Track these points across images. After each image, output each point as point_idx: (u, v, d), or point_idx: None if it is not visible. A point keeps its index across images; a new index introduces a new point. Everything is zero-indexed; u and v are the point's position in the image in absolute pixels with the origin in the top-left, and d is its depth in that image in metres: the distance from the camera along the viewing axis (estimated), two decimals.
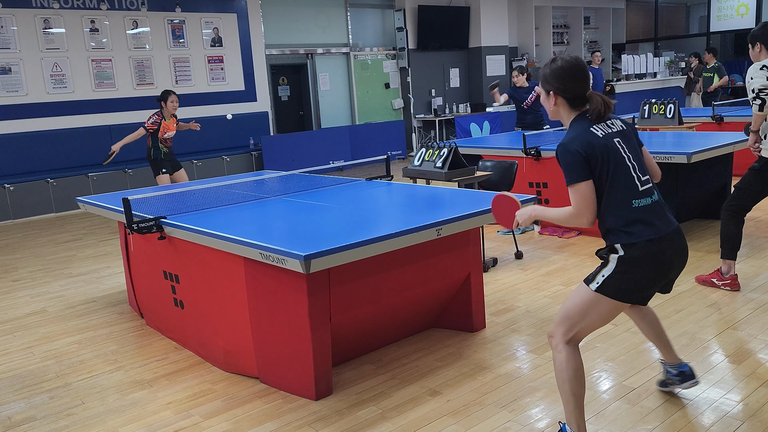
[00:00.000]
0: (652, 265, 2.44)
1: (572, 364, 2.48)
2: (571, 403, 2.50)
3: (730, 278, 4.32)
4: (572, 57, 2.54)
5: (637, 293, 2.51)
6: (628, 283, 2.46)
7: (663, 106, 7.98)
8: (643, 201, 2.44)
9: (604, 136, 2.44)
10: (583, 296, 2.50)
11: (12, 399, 3.46)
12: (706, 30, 16.03)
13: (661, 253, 2.43)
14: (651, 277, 2.47)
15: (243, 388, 3.39)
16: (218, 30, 11.00)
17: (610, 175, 2.41)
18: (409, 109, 13.55)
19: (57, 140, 9.58)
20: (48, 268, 6.22)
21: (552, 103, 2.56)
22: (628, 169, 2.44)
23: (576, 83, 2.50)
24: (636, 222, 2.42)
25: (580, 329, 2.51)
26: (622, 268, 2.43)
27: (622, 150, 2.45)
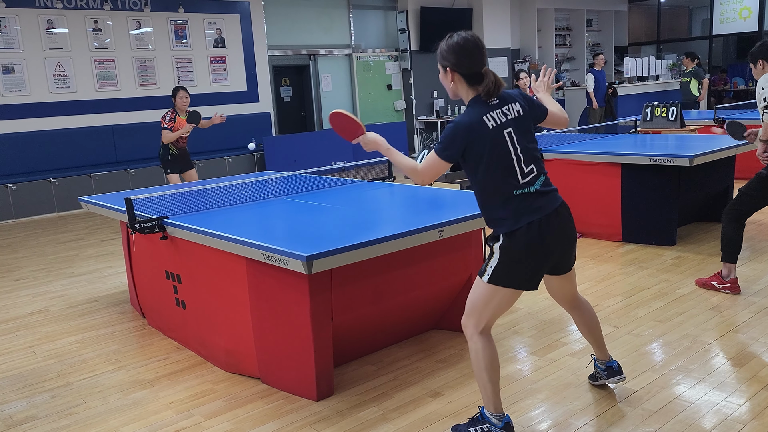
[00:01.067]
0: (531, 250, 2.54)
1: (487, 352, 2.61)
2: (488, 389, 2.63)
3: (731, 281, 4.32)
4: (468, 33, 2.57)
5: (525, 279, 2.60)
6: (514, 271, 2.56)
7: (665, 108, 7.98)
8: (523, 190, 2.54)
9: (495, 128, 2.51)
10: (481, 289, 2.62)
11: (14, 398, 3.47)
12: (709, 33, 16.02)
13: (538, 237, 2.52)
14: (533, 262, 2.57)
15: (244, 388, 3.40)
16: (221, 31, 11.02)
17: (492, 168, 2.51)
18: (411, 110, 13.56)
19: (59, 140, 9.59)
20: (50, 268, 6.23)
21: (449, 79, 2.59)
22: (511, 163, 2.52)
23: (472, 59, 2.53)
24: (514, 211, 2.53)
25: (487, 318, 2.64)
26: (504, 257, 2.55)
27: (510, 142, 2.52)
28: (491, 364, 2.61)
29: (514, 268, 2.56)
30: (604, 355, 3.09)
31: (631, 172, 5.53)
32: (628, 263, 5.13)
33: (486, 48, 2.58)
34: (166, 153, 7.04)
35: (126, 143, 10.11)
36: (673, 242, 5.53)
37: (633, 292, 4.48)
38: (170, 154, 7.03)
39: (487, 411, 2.66)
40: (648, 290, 4.49)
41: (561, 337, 3.81)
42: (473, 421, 2.71)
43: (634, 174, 5.52)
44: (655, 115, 8.05)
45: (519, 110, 2.58)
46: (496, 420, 2.64)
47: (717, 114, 8.46)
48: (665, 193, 5.42)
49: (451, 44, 2.54)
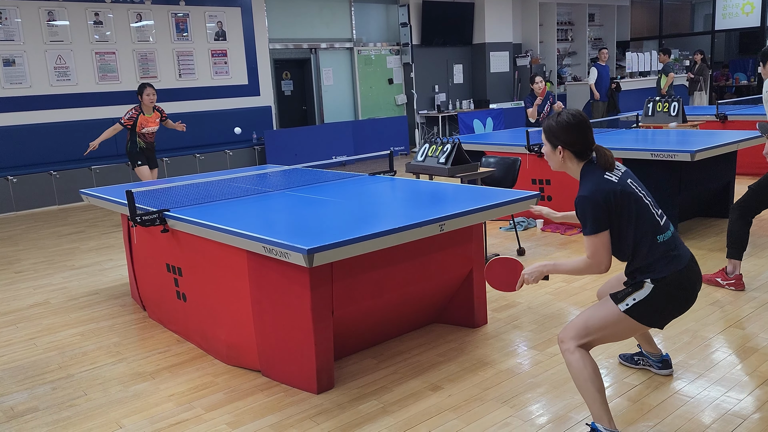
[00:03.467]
0: (683, 294, 2.53)
1: (589, 362, 2.53)
2: (597, 400, 2.51)
3: (735, 278, 4.31)
4: (576, 111, 2.59)
5: (663, 319, 2.59)
6: (658, 310, 2.54)
7: (667, 103, 7.97)
8: (665, 235, 2.53)
9: (619, 181, 2.51)
10: (608, 312, 2.55)
11: (15, 389, 3.47)
12: (711, 28, 15.98)
13: (688, 281, 2.52)
14: (680, 305, 2.56)
15: (245, 381, 3.40)
16: (222, 24, 11.00)
17: (635, 217, 2.49)
18: (413, 104, 13.54)
19: (60, 133, 9.58)
20: (51, 260, 6.23)
21: (560, 157, 2.61)
22: (648, 207, 2.52)
23: (583, 137, 2.56)
24: (663, 256, 2.50)
25: (594, 340, 2.57)
26: (656, 295, 2.50)
27: (637, 190, 2.53)
28: (595, 373, 2.51)
29: (660, 307, 2.52)
30: (656, 349, 3.19)
31: (632, 167, 5.47)
32: None
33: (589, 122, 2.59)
34: (134, 146, 7.12)
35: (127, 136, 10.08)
36: None
37: None
38: (138, 147, 7.11)
39: (600, 425, 2.51)
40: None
41: None
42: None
43: (635, 169, 5.45)
44: (656, 110, 8.04)
45: (623, 166, 2.63)
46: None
47: (718, 110, 8.45)
48: (666, 189, 5.41)
49: (562, 122, 2.56)
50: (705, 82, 13.32)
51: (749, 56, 17.20)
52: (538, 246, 5.68)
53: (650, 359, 3.22)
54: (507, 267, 2.78)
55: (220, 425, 2.97)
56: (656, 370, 3.21)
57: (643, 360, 3.26)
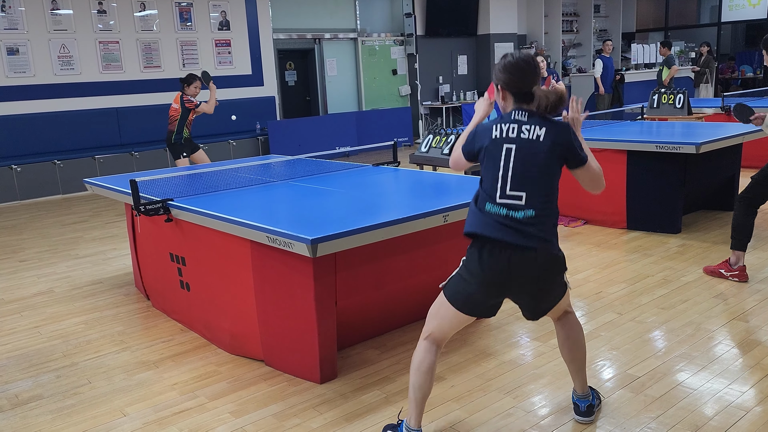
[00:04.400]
0: (480, 273, 2.40)
1: (419, 355, 2.53)
2: (410, 395, 2.56)
3: (739, 269, 4.30)
4: (524, 53, 2.55)
5: (464, 299, 2.47)
6: (460, 286, 2.48)
7: (672, 96, 7.93)
8: (495, 209, 2.40)
9: (497, 139, 2.43)
10: (440, 295, 2.56)
11: (19, 377, 3.49)
12: (718, 20, 15.88)
13: (491, 266, 2.38)
14: (477, 286, 2.43)
15: (248, 370, 3.41)
16: (226, 13, 10.96)
17: (483, 173, 2.49)
18: (416, 95, 13.50)
19: (64, 122, 9.59)
20: (54, 249, 6.25)
21: (501, 96, 2.56)
22: (496, 178, 2.41)
23: (520, 79, 2.47)
24: (482, 222, 2.42)
25: (433, 328, 2.54)
26: (462, 268, 2.49)
27: (504, 158, 2.40)
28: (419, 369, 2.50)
29: (462, 282, 2.47)
30: (581, 388, 2.76)
31: (637, 159, 5.51)
32: (632, 250, 5.13)
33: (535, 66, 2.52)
34: (179, 137, 6.96)
35: (130, 126, 10.11)
36: (677, 230, 5.51)
37: (637, 279, 4.48)
38: (183, 137, 6.98)
39: (405, 421, 2.59)
40: (652, 277, 4.48)
41: None
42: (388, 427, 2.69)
43: (640, 161, 5.50)
44: (662, 102, 8.01)
45: (539, 135, 2.40)
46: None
47: (724, 102, 8.40)
48: (671, 181, 5.40)
49: (504, 63, 2.51)
50: (711, 75, 13.26)
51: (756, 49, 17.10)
52: None
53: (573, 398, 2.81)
54: None
55: (224, 414, 2.98)
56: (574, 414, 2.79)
57: None
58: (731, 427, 2.66)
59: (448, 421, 2.82)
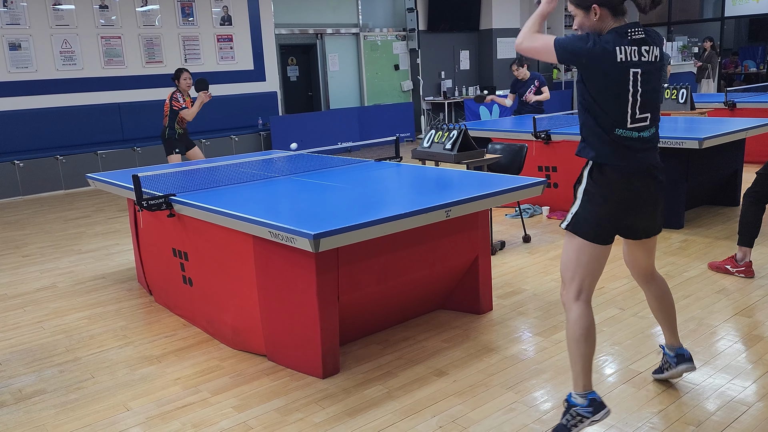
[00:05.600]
0: (614, 195, 2.45)
1: (582, 322, 2.48)
2: (578, 363, 2.50)
3: (745, 265, 4.29)
4: None
5: (596, 228, 2.48)
6: (589, 216, 2.48)
7: (675, 91, 7.91)
8: (627, 132, 2.44)
9: (622, 63, 2.36)
10: (567, 244, 2.54)
11: (23, 372, 3.50)
12: (721, 15, 15.82)
13: (625, 185, 2.45)
14: (610, 209, 2.47)
15: (251, 365, 3.42)
16: (228, 8, 10.95)
17: (605, 100, 2.40)
18: (419, 91, 13.48)
19: (66, 117, 9.59)
20: (57, 245, 6.26)
21: (594, 17, 2.45)
22: (626, 103, 2.41)
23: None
24: (611, 146, 2.43)
25: (581, 281, 2.52)
26: (585, 198, 2.48)
27: (632, 83, 2.39)
28: (585, 334, 2.45)
29: (589, 212, 2.46)
30: (675, 340, 2.92)
31: None
32: None
33: None
34: (173, 132, 6.96)
35: (132, 121, 10.11)
36: (680, 225, 5.51)
37: None
38: (177, 133, 6.97)
39: (573, 393, 2.52)
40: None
41: None
42: (563, 413, 2.56)
43: None
44: (665, 98, 7.98)
45: (657, 55, 2.44)
46: (581, 399, 2.49)
47: (727, 97, 8.38)
48: (674, 176, 5.39)
49: None
50: (713, 70, 13.21)
51: (759, 43, 17.04)
52: (543, 233, 5.67)
53: (668, 354, 2.93)
54: None
55: (226, 409, 2.99)
56: (674, 368, 2.91)
57: (666, 363, 2.96)
58: (733, 422, 2.66)
59: (451, 415, 2.82)
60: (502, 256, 5.08)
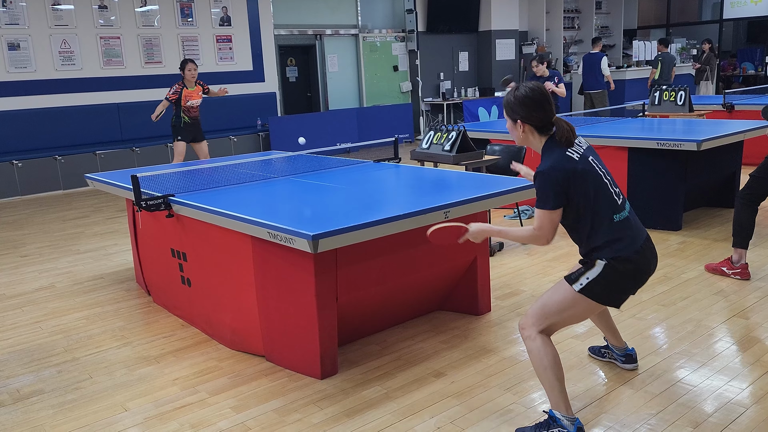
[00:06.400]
0: (637, 273, 2.57)
1: (549, 350, 2.57)
2: (556, 388, 2.56)
3: (741, 267, 4.30)
4: (535, 84, 2.58)
5: (618, 298, 2.62)
6: (612, 289, 2.57)
7: (673, 93, 7.92)
8: (622, 214, 2.56)
9: (581, 159, 2.52)
10: (564, 294, 2.58)
11: (21, 372, 3.50)
12: (719, 17, 15.85)
13: (643, 261, 2.56)
14: (633, 284, 2.60)
15: (249, 365, 3.42)
16: (227, 9, 10.95)
17: (593, 197, 2.50)
18: (418, 92, 13.49)
19: (65, 117, 9.59)
20: (56, 245, 6.25)
21: (521, 131, 2.61)
22: (607, 187, 2.54)
23: (543, 111, 2.56)
24: (619, 236, 2.53)
25: (554, 324, 2.61)
26: (608, 273, 2.52)
27: (597, 168, 2.55)
28: (554, 360, 2.55)
29: (613, 286, 2.54)
30: (621, 343, 3.16)
31: (638, 156, 5.51)
32: None
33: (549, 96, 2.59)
34: (178, 120, 7.25)
35: (131, 121, 10.11)
36: (678, 227, 5.51)
37: None
38: (182, 121, 7.22)
39: (557, 413, 2.55)
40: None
41: None
42: (542, 425, 2.58)
43: (641, 158, 5.50)
44: (663, 99, 8.00)
45: (583, 142, 2.63)
46: (569, 423, 2.53)
47: (725, 99, 8.39)
48: (672, 178, 5.40)
49: (520, 97, 2.55)
50: (711, 72, 13.23)
51: (757, 45, 17.07)
52: None
53: (615, 353, 3.18)
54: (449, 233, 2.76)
55: (225, 409, 2.99)
56: (620, 364, 3.17)
57: (608, 353, 3.23)
58: (731, 423, 2.67)
59: (449, 416, 2.83)
60: (500, 258, 5.09)
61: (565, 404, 2.56)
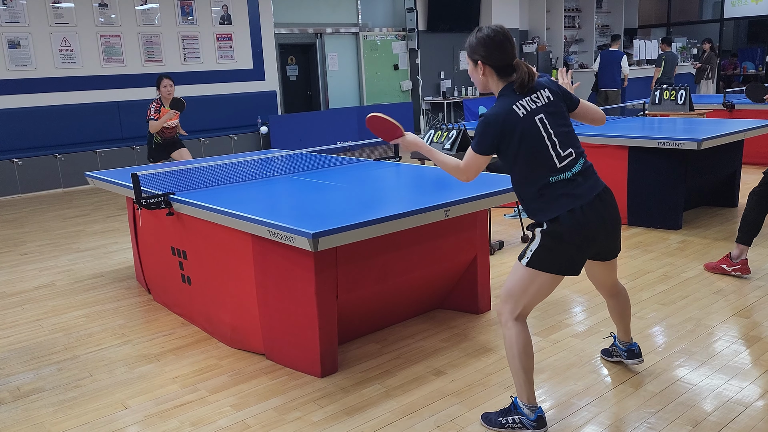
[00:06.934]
0: (575, 236, 2.52)
1: (521, 339, 2.59)
2: (521, 377, 2.59)
3: (741, 263, 4.30)
4: (497, 26, 2.56)
5: (565, 264, 2.56)
6: (555, 255, 2.54)
7: (674, 92, 7.92)
8: (561, 176, 2.51)
9: (525, 116, 2.49)
10: (519, 273, 2.60)
11: (21, 370, 3.50)
12: (720, 16, 15.84)
13: (583, 223, 2.50)
14: (575, 247, 2.54)
15: (249, 364, 3.42)
16: (227, 7, 10.94)
17: (525, 154, 2.49)
18: (418, 91, 13.49)
19: (65, 115, 9.59)
20: (56, 243, 6.26)
21: (480, 73, 2.57)
22: (546, 148, 2.50)
23: (503, 52, 2.52)
24: (554, 197, 2.50)
25: (525, 304, 2.62)
26: (545, 241, 2.52)
27: (542, 128, 2.50)
28: (524, 350, 2.56)
29: (555, 252, 2.52)
30: (628, 338, 3.14)
31: (639, 155, 5.51)
32: (632, 246, 5.13)
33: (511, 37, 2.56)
34: (151, 142, 6.85)
35: (131, 120, 10.10)
36: (678, 226, 5.51)
37: (637, 275, 4.48)
38: (154, 143, 6.84)
39: (520, 401, 2.61)
40: (652, 273, 4.49)
41: (564, 318, 3.82)
42: (504, 411, 2.66)
43: (641, 157, 5.49)
44: (663, 98, 7.99)
45: (549, 95, 2.55)
46: (529, 411, 2.58)
47: (726, 98, 8.39)
48: (672, 177, 5.39)
49: (481, 37, 2.52)
50: (712, 71, 13.23)
51: (758, 45, 17.06)
52: None
53: (620, 349, 3.17)
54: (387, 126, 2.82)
55: (225, 407, 2.99)
56: (624, 360, 3.16)
57: (615, 351, 3.21)
58: (730, 422, 2.67)
59: (448, 415, 2.83)
60: (500, 256, 5.09)
61: (527, 392, 2.60)
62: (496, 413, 2.70)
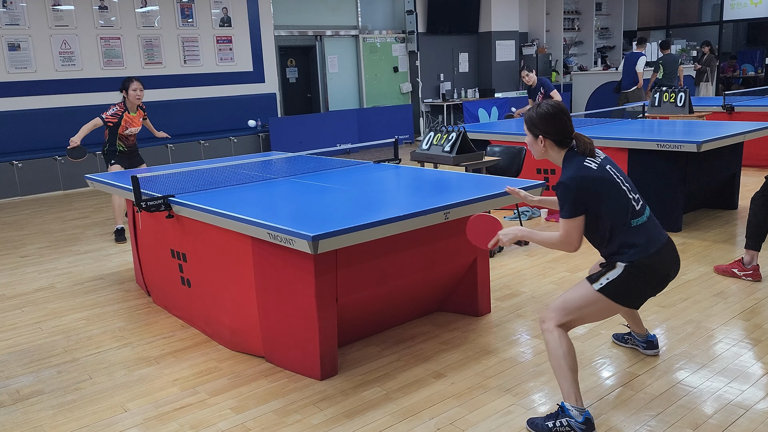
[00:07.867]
0: (656, 276, 2.65)
1: (565, 340, 2.65)
2: (568, 377, 2.62)
3: (752, 269, 4.29)
4: (555, 102, 2.73)
5: (637, 299, 2.73)
6: (631, 290, 2.66)
7: (674, 94, 7.92)
8: (639, 219, 2.65)
9: (598, 168, 2.63)
10: (584, 292, 2.67)
11: (20, 372, 3.50)
12: (719, 19, 15.85)
13: (662, 264, 2.65)
14: (652, 287, 2.69)
15: (249, 366, 3.42)
16: (227, 10, 10.95)
17: (611, 204, 2.60)
18: (418, 93, 13.50)
19: (65, 118, 9.58)
20: (56, 245, 6.25)
21: (541, 145, 2.74)
22: (625, 193, 2.64)
23: (562, 126, 2.69)
24: (637, 240, 2.61)
25: (573, 320, 2.69)
26: (627, 275, 2.61)
27: (615, 176, 2.65)
28: (569, 351, 2.62)
29: (632, 288, 2.64)
30: (643, 330, 3.32)
31: (638, 157, 5.51)
32: None
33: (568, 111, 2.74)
34: (113, 149, 6.31)
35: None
36: (678, 228, 5.51)
37: None
38: (118, 150, 6.32)
39: (567, 404, 2.62)
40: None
41: None
42: (552, 416, 2.66)
43: (641, 159, 5.50)
44: (663, 101, 8.00)
45: (600, 152, 2.74)
46: (577, 413, 2.59)
47: (725, 101, 8.40)
48: (672, 179, 5.40)
49: (541, 113, 2.69)
50: (711, 73, 13.24)
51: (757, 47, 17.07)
52: None
53: (637, 339, 3.34)
54: (487, 224, 2.88)
55: (224, 410, 2.99)
56: (642, 350, 3.33)
57: (631, 339, 3.39)
58: (731, 425, 2.67)
59: (448, 417, 2.83)
60: (500, 259, 5.09)
61: (575, 395, 2.62)
62: (542, 418, 2.69)
